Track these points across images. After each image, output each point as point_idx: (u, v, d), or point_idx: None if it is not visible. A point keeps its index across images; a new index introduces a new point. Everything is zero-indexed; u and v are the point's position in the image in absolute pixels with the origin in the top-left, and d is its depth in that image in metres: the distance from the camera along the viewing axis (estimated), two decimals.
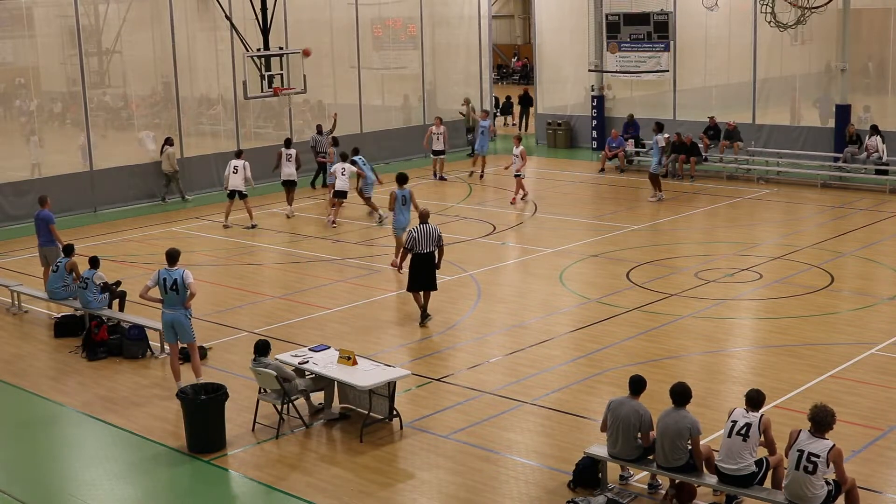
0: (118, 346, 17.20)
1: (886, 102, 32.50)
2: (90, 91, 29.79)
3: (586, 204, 29.24)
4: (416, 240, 18.12)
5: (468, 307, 19.44)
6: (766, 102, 33.91)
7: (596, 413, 13.77)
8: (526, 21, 69.91)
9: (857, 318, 18.20)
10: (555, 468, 12.60)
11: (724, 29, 35.20)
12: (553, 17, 39.84)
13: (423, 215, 18.54)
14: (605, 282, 20.67)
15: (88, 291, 17.94)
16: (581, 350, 16.82)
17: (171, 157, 30.24)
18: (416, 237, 18.15)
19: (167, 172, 30.32)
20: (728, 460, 11.00)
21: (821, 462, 10.29)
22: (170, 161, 30.21)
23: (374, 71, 36.91)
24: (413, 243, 18.14)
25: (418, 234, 18.16)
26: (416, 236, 18.15)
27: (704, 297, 19.47)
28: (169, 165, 30.25)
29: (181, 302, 15.08)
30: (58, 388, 15.98)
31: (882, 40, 32.78)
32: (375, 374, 13.76)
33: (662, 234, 24.97)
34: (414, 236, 18.16)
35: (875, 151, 29.74)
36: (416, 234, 18.18)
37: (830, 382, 15.02)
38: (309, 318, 18.94)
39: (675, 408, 11.37)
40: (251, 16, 27.38)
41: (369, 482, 12.47)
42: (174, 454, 13.49)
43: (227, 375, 15.62)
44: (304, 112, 35.34)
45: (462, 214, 27.25)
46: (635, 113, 35.52)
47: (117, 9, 31.14)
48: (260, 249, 24.51)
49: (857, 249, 22.81)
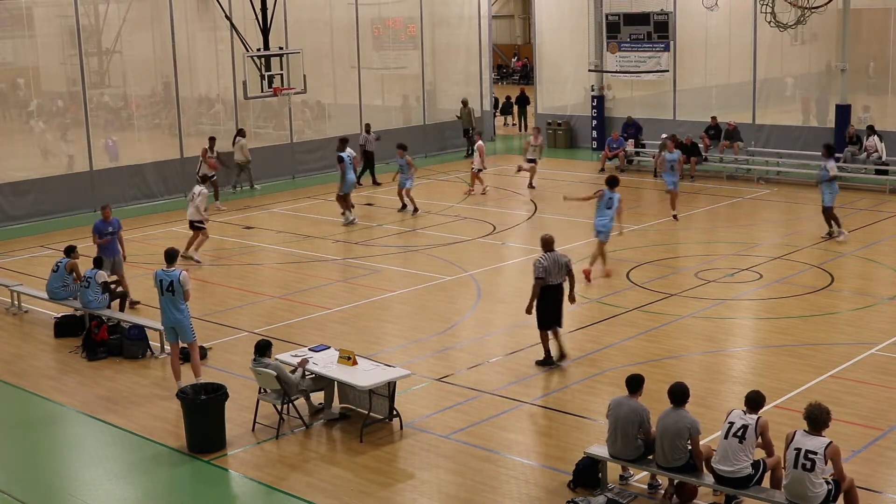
0: (118, 346, 17.19)
1: (887, 102, 32.50)
2: (90, 91, 29.79)
3: (586, 204, 29.17)
4: (548, 269, 15.79)
5: (468, 307, 19.44)
6: (766, 102, 33.93)
7: (596, 413, 13.79)
8: (526, 21, 69.93)
9: (857, 318, 18.20)
10: (555, 468, 12.59)
11: (724, 29, 35.22)
12: (553, 17, 39.85)
13: (548, 242, 16.09)
14: (605, 282, 20.66)
15: (90, 291, 17.95)
16: (581, 350, 16.81)
17: (244, 147, 31.26)
18: (546, 266, 15.79)
19: (240, 162, 31.39)
20: (724, 462, 10.98)
21: (818, 459, 10.28)
22: (242, 151, 31.25)
23: (373, 71, 36.93)
24: (544, 273, 15.83)
25: (548, 263, 15.82)
26: (547, 265, 15.80)
27: (704, 297, 19.47)
28: (242, 156, 31.29)
29: (177, 303, 15.04)
30: (58, 388, 15.97)
31: (882, 40, 32.80)
32: (375, 374, 13.76)
33: (662, 234, 24.97)
34: (544, 265, 15.78)
35: (875, 151, 29.76)
36: (546, 263, 15.80)
37: (830, 382, 15.02)
38: (309, 318, 18.94)
39: (674, 408, 11.37)
40: (251, 16, 27.41)
41: (369, 482, 12.47)
42: (174, 454, 13.48)
43: (227, 375, 15.62)
44: (303, 111, 35.36)
45: (462, 214, 27.24)
46: (635, 113, 35.55)
47: (117, 9, 31.16)
48: (260, 249, 24.51)
49: (857, 249, 22.80)
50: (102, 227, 19.78)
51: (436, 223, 26.35)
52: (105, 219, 19.85)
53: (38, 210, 27.91)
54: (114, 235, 19.81)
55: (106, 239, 19.70)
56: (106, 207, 20.14)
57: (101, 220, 19.90)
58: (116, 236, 19.86)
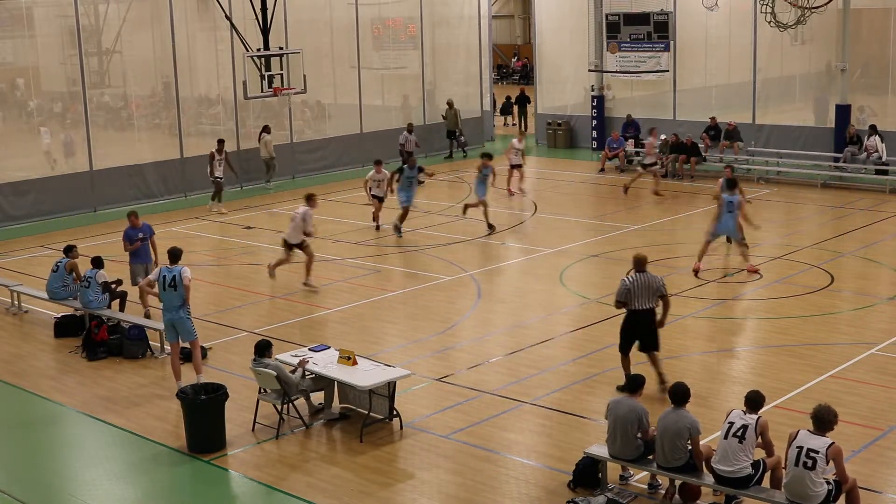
0: (118, 346, 17.20)
1: (887, 102, 32.49)
2: (90, 91, 29.78)
3: (586, 204, 29.25)
4: (631, 292, 14.48)
5: (468, 307, 19.44)
6: (766, 102, 33.93)
7: (596, 413, 13.78)
8: (526, 21, 69.92)
9: (858, 318, 18.20)
10: (555, 468, 12.59)
11: (724, 29, 35.21)
12: (553, 17, 39.84)
13: (639, 261, 14.70)
14: (605, 282, 20.63)
15: (90, 291, 17.94)
16: (581, 350, 16.82)
17: (268, 143, 31.67)
18: (629, 288, 14.48)
19: (264, 159, 31.77)
20: (724, 462, 10.98)
21: (820, 458, 10.28)
22: (267, 148, 31.67)
23: (373, 71, 36.92)
24: (626, 295, 14.53)
25: (634, 286, 14.50)
26: (631, 287, 14.48)
27: (704, 297, 19.47)
28: (266, 152, 31.70)
29: (178, 300, 15.07)
30: (58, 388, 15.97)
31: (882, 40, 32.80)
32: (375, 374, 13.76)
33: (662, 234, 24.96)
34: (628, 287, 14.49)
35: (875, 151, 29.75)
36: (631, 285, 14.49)
37: (830, 382, 15.02)
38: (309, 318, 18.94)
39: (674, 408, 11.37)
40: (251, 16, 27.42)
41: (369, 482, 12.47)
42: (174, 454, 13.48)
43: (227, 375, 15.62)
44: (303, 111, 35.35)
45: (462, 214, 27.23)
46: (635, 113, 35.56)
47: (117, 9, 31.14)
48: (260, 249, 24.50)
49: (857, 249, 22.80)
50: (132, 233, 19.00)
51: (436, 223, 26.33)
52: (133, 226, 19.00)
53: (38, 210, 27.91)
54: (145, 241, 19.03)
55: (136, 244, 19.01)
56: (132, 214, 19.25)
57: (130, 227, 19.06)
58: (149, 241, 19.11)
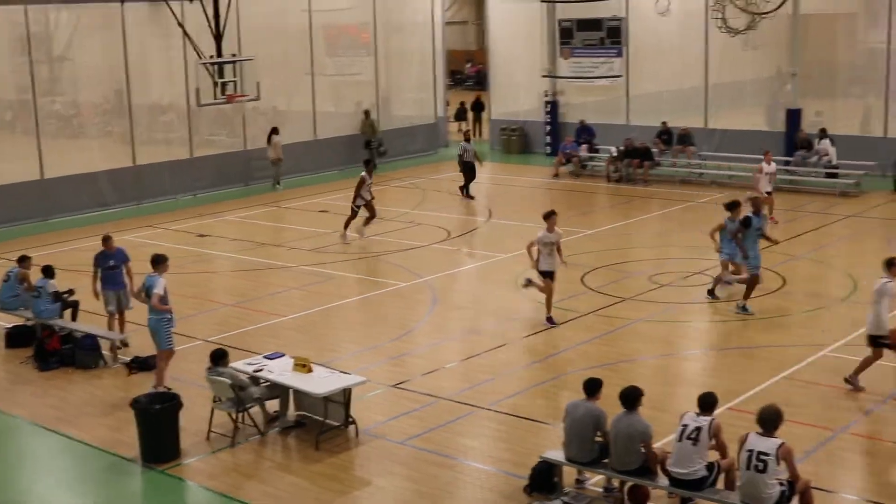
0: (70, 356, 17.03)
1: (835, 106, 32.86)
2: (40, 99, 29.47)
3: (540, 209, 29.19)
4: None
5: (424, 313, 19.43)
6: (718, 107, 34.19)
7: (552, 417, 13.82)
8: (480, 27, 70.00)
9: (810, 319, 18.39)
10: (511, 473, 12.61)
11: (677, 35, 35.38)
12: (506, 23, 39.89)
13: None
14: (560, 286, 20.67)
15: (41, 300, 17.75)
16: (536, 355, 16.87)
17: (277, 145, 32.18)
18: None
19: (272, 160, 32.23)
20: (678, 465, 11.03)
21: (770, 460, 10.36)
22: (275, 150, 32.33)
23: (327, 77, 36.82)
24: None
25: None
26: None
27: (658, 300, 19.59)
28: (274, 153, 32.38)
29: (152, 308, 15.28)
30: (9, 399, 15.78)
31: (831, 45, 33.19)
32: (331, 381, 13.72)
33: (616, 238, 25.09)
34: None
35: (826, 155, 30.07)
36: None
37: (783, 384, 15.16)
38: (264, 326, 18.85)
39: (626, 412, 11.38)
40: (204, 23, 27.22)
41: (325, 490, 12.43)
42: (128, 464, 13.36)
43: (181, 384, 15.49)
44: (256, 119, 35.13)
45: (416, 221, 27.23)
46: (589, 118, 35.71)
47: (68, 16, 30.82)
48: (214, 257, 24.36)
49: (809, 252, 23.05)
50: (102, 260, 17.61)
51: (390, 229, 26.30)
52: (108, 249, 17.60)
53: None
54: (117, 269, 17.63)
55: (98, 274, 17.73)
56: (107, 239, 17.80)
57: (102, 252, 17.64)
58: (122, 269, 17.69)
